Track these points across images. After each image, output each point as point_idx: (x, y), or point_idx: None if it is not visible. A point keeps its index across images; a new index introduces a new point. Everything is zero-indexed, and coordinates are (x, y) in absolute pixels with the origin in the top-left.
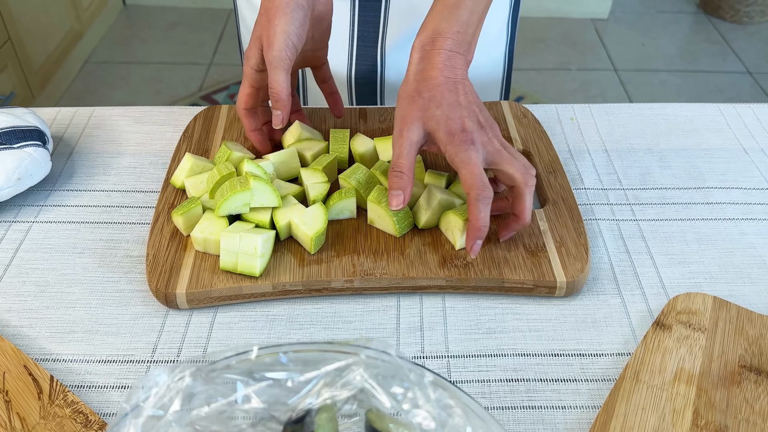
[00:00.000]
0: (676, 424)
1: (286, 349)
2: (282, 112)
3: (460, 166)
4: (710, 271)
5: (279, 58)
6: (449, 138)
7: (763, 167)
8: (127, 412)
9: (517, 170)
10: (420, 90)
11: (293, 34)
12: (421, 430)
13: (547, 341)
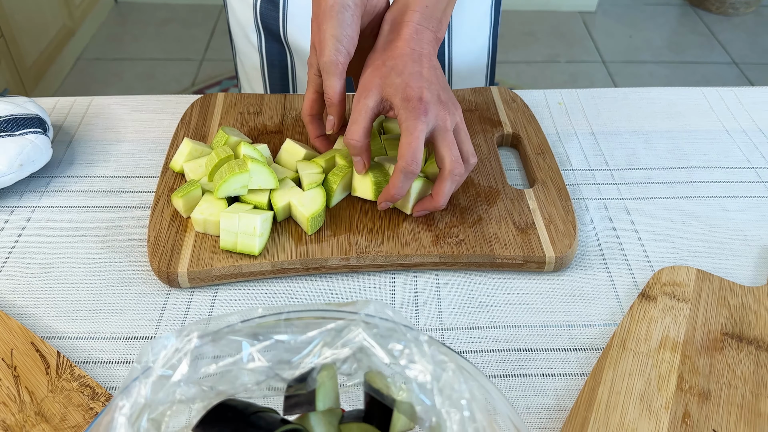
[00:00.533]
0: (662, 389)
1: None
2: (334, 118)
3: (404, 133)
4: (694, 246)
5: (330, 63)
6: (404, 104)
7: (744, 147)
8: (137, 371)
9: (449, 155)
10: (384, 59)
11: (343, 38)
12: (417, 384)
13: (537, 314)
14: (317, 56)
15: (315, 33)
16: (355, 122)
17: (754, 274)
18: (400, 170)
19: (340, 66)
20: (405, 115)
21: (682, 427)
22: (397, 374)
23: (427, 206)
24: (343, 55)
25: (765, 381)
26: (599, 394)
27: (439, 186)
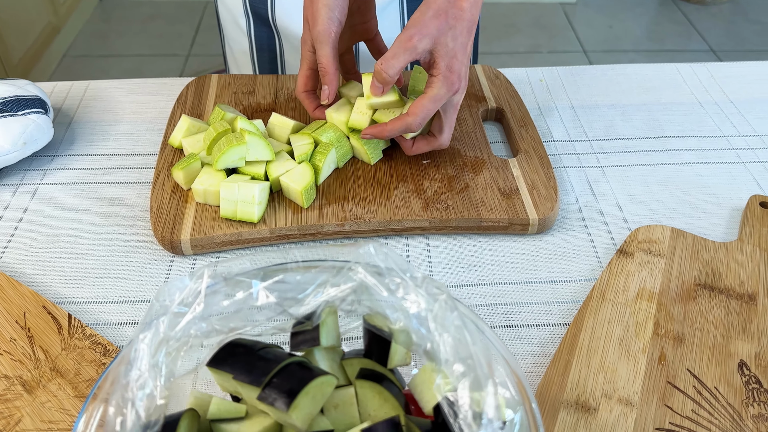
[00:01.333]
0: (639, 334)
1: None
2: (329, 87)
3: (429, 96)
4: (669, 208)
5: (323, 33)
6: (446, 72)
7: (716, 117)
8: (155, 309)
9: (448, 130)
10: (448, 13)
11: (335, 8)
12: (412, 313)
13: (522, 272)
14: (310, 28)
15: (308, 6)
16: (396, 56)
17: (725, 232)
18: (405, 123)
19: (332, 35)
20: (440, 83)
21: (658, 368)
22: (394, 306)
23: (402, 145)
24: (335, 24)
25: (734, 325)
26: (581, 340)
27: (421, 146)
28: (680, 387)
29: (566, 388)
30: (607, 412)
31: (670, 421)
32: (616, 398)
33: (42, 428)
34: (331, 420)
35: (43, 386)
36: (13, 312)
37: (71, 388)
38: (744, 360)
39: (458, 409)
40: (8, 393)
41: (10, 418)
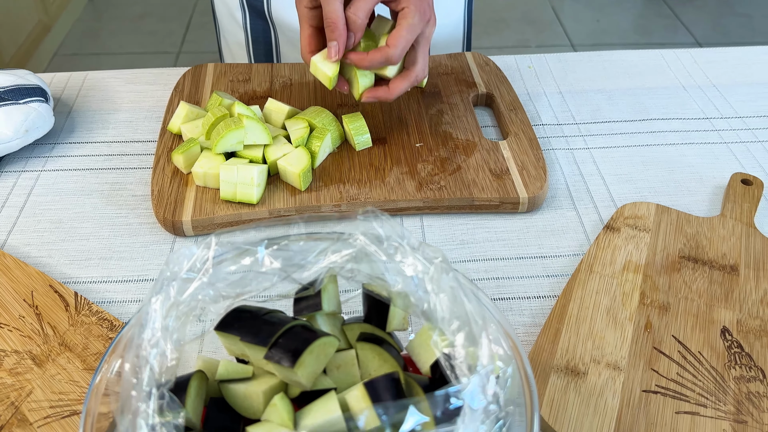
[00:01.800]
0: (626, 303)
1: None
2: (338, 42)
3: (404, 27)
4: (654, 186)
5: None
6: (417, 2)
7: (699, 101)
8: (165, 274)
9: (423, 61)
10: None
11: None
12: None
13: (513, 248)
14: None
15: None
16: (359, 8)
17: (708, 208)
18: (385, 54)
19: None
20: (413, 12)
21: (644, 335)
22: (393, 270)
23: (379, 95)
24: None
25: (717, 294)
26: (570, 310)
27: (399, 84)
28: (666, 352)
29: (556, 354)
30: (596, 376)
31: (656, 384)
32: (605, 363)
33: (53, 399)
34: (334, 380)
35: (52, 360)
36: (21, 291)
37: (80, 361)
38: (726, 326)
39: (454, 362)
40: (19, 367)
41: (22, 390)
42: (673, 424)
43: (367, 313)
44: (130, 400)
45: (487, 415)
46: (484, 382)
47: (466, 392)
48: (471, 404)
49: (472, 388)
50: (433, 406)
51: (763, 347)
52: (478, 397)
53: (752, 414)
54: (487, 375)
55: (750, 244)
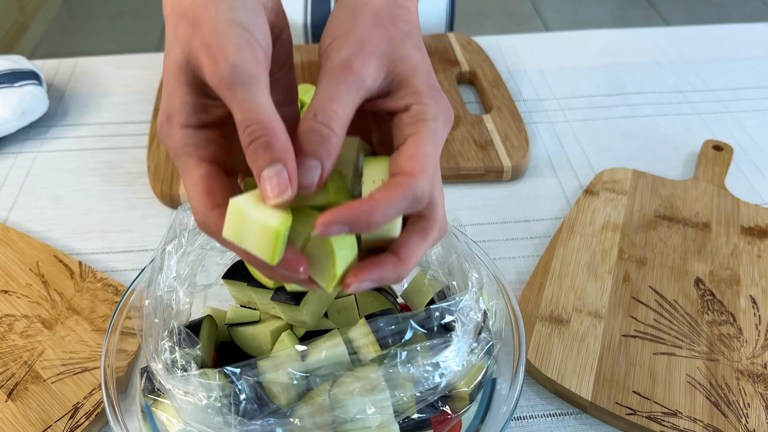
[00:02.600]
0: (605, 259)
1: None
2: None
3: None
4: (631, 155)
5: (242, 65)
6: (431, 91)
7: (673, 76)
8: (176, 225)
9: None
10: (394, 16)
11: (251, 25)
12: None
13: (498, 213)
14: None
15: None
16: (335, 97)
17: (682, 173)
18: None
19: (260, 67)
20: (431, 110)
21: (623, 286)
22: None
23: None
24: (260, 51)
25: (691, 249)
26: (552, 266)
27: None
28: (643, 301)
29: (541, 305)
30: (578, 323)
31: (634, 329)
32: (586, 312)
33: (64, 357)
34: (335, 322)
35: (61, 323)
36: (27, 261)
37: (88, 323)
38: (699, 277)
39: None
40: (29, 330)
41: (33, 351)
42: (651, 364)
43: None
44: (152, 329)
45: (477, 332)
46: (475, 298)
47: (459, 308)
48: (464, 319)
49: (464, 304)
50: (428, 320)
51: (733, 295)
52: (470, 314)
53: (723, 353)
54: (477, 294)
55: (721, 203)
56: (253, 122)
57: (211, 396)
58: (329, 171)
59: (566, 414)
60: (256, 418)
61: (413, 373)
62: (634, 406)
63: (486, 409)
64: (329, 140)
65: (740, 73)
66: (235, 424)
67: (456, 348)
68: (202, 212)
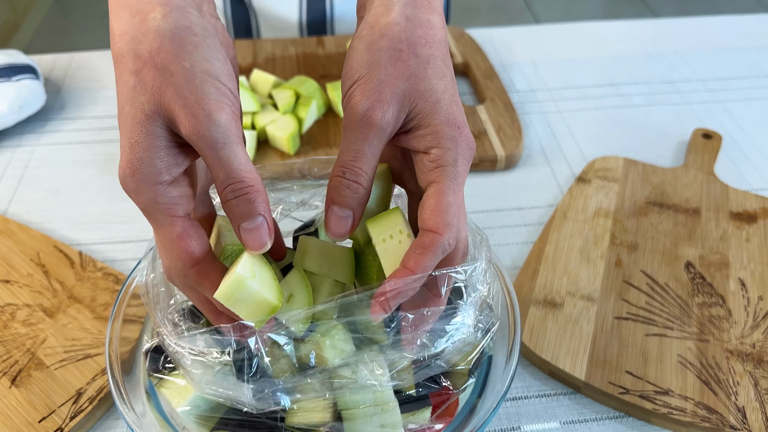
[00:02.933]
0: (598, 244)
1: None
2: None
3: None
4: (622, 144)
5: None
6: (449, 130)
7: (663, 67)
8: None
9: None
10: (413, 43)
11: (222, 75)
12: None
13: (492, 201)
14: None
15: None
16: (361, 158)
17: (672, 161)
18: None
19: (239, 121)
20: (451, 153)
21: (615, 270)
22: None
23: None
24: (236, 104)
25: (681, 234)
26: (546, 251)
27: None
28: (635, 284)
29: (535, 289)
30: (572, 306)
31: (627, 311)
32: (579, 295)
33: (66, 345)
34: None
35: (62, 311)
36: (27, 252)
37: (89, 311)
38: (690, 261)
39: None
40: (31, 318)
41: (36, 338)
42: (643, 345)
43: None
44: (159, 296)
45: (482, 305)
46: (483, 272)
47: (468, 276)
48: (471, 289)
49: (476, 273)
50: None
51: (722, 278)
52: (477, 285)
53: (713, 333)
54: (485, 268)
55: (711, 189)
56: (236, 180)
57: (224, 352)
58: (359, 220)
59: (561, 394)
60: (267, 375)
61: None
62: (626, 385)
63: (483, 385)
64: (358, 193)
65: (729, 63)
66: (249, 381)
67: (462, 316)
68: (180, 268)
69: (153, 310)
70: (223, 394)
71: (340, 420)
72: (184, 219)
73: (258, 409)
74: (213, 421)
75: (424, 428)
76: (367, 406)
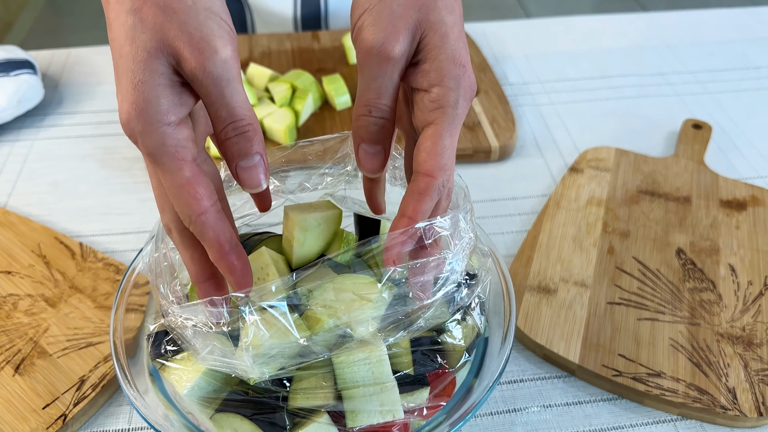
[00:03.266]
0: (590, 232)
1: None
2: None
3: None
4: (613, 135)
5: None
6: (453, 68)
7: (654, 59)
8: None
9: None
10: None
11: (223, 12)
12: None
13: (487, 191)
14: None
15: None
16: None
17: (663, 151)
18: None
19: (238, 59)
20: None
21: (608, 257)
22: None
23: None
24: (235, 42)
25: (672, 222)
26: (540, 239)
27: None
28: (627, 270)
29: (529, 276)
30: (565, 292)
31: (619, 297)
32: (572, 282)
33: (68, 333)
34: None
35: (64, 301)
36: (28, 244)
37: (90, 301)
38: (681, 247)
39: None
40: (33, 308)
41: (38, 327)
42: (635, 329)
43: (360, 231)
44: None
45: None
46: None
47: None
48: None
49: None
50: None
51: (713, 264)
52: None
53: (704, 317)
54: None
55: (701, 178)
56: (238, 118)
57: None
58: (389, 152)
59: (555, 377)
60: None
61: None
62: (619, 368)
63: (480, 365)
64: (386, 128)
65: (718, 56)
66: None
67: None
68: (186, 215)
69: (156, 283)
70: (224, 362)
71: (341, 400)
72: (192, 163)
73: (259, 376)
74: (216, 402)
75: (422, 407)
76: (367, 386)
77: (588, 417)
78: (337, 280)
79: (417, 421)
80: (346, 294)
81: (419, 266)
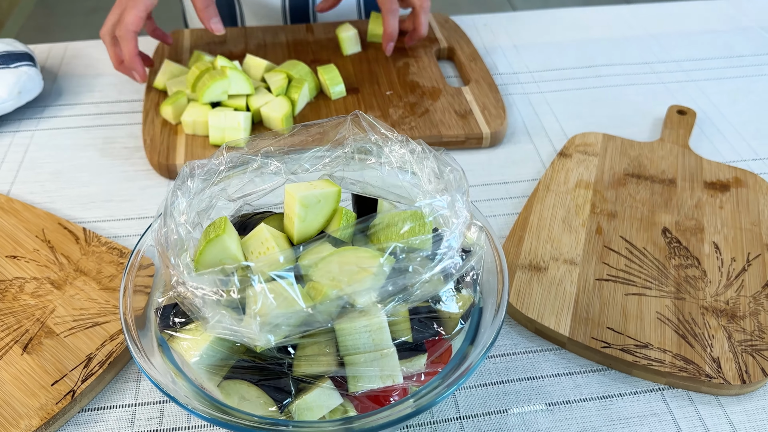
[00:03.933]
0: (579, 213)
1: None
2: None
3: None
4: (601, 121)
5: None
6: None
7: (639, 49)
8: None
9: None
10: None
11: None
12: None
13: (479, 176)
14: None
15: None
16: None
17: (649, 137)
18: (387, 12)
19: None
20: None
21: (596, 237)
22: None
23: (415, 37)
24: None
25: (658, 203)
26: (530, 221)
27: (417, 20)
28: (615, 249)
29: (521, 255)
30: (555, 270)
31: (607, 273)
32: (562, 260)
33: (75, 314)
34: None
35: (69, 283)
36: (32, 229)
37: (95, 283)
38: (666, 227)
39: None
40: (39, 290)
41: (45, 309)
42: (623, 303)
43: (358, 210)
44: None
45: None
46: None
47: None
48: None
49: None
50: None
51: (697, 242)
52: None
53: (689, 292)
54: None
55: (686, 161)
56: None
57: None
58: None
59: (546, 350)
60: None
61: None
62: (608, 340)
63: (475, 333)
64: None
65: (702, 45)
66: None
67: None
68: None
69: (167, 255)
70: (233, 330)
71: (343, 366)
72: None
73: (265, 344)
74: (224, 370)
75: (420, 373)
76: (368, 352)
77: (578, 387)
78: (341, 253)
79: (415, 386)
80: (349, 267)
81: None
